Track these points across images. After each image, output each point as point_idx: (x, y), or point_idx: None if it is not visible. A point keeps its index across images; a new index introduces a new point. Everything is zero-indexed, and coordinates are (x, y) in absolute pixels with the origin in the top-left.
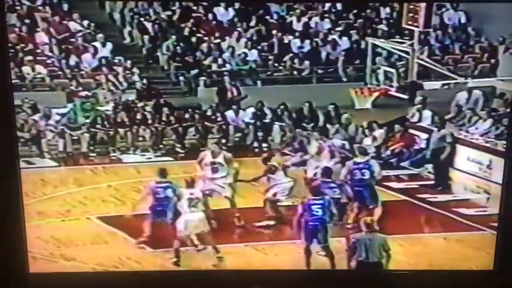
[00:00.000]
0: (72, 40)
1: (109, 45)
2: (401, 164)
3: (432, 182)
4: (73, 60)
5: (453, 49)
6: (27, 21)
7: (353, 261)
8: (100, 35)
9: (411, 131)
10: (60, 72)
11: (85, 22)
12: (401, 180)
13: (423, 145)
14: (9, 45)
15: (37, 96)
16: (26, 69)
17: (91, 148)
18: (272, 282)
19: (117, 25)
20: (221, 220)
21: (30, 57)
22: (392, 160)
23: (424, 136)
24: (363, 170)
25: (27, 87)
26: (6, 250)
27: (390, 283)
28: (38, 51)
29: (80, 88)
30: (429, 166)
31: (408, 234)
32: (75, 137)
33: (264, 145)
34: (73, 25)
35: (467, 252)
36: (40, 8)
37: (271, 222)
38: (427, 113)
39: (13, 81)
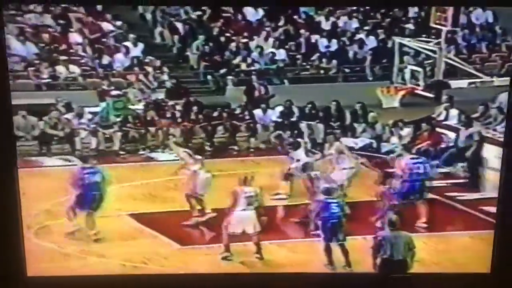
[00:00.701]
0: (105, 40)
1: (141, 45)
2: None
3: (461, 180)
4: (105, 59)
5: (480, 48)
6: (61, 21)
7: (378, 258)
8: (132, 35)
9: (438, 129)
10: (92, 72)
11: (118, 23)
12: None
13: (450, 144)
14: (44, 45)
15: (70, 95)
16: (59, 68)
17: (123, 146)
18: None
19: (148, 26)
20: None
21: (64, 57)
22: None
23: (451, 134)
24: (419, 165)
25: (61, 86)
26: (4, 253)
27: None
28: (72, 51)
29: (112, 87)
30: (461, 165)
31: (434, 232)
32: (107, 136)
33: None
34: (106, 26)
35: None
36: (75, 8)
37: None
38: (453, 112)
39: (47, 80)
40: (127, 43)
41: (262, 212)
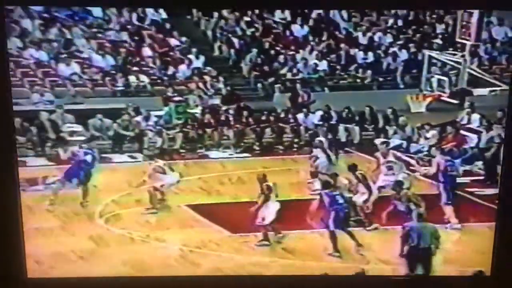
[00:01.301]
0: (171, 53)
1: (202, 58)
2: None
3: (482, 177)
4: (170, 70)
5: (500, 60)
6: (135, 37)
7: (406, 246)
8: (194, 49)
9: (462, 132)
10: (159, 80)
11: (183, 38)
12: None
13: (472, 145)
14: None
15: (139, 100)
16: (131, 78)
17: (183, 145)
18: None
19: (208, 41)
20: None
21: (136, 68)
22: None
23: (473, 136)
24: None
25: (132, 93)
26: (4, 254)
27: None
28: (143, 63)
29: (175, 94)
30: (479, 163)
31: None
32: (170, 136)
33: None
34: (173, 41)
35: None
36: (147, 27)
37: None
38: (475, 116)
39: (120, 88)
40: (190, 56)
41: None
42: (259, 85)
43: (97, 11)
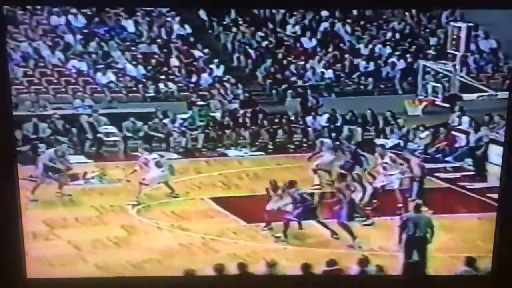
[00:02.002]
0: (195, 63)
1: (222, 67)
2: (446, 158)
3: (472, 173)
4: (194, 78)
5: (486, 68)
6: (164, 50)
7: (404, 235)
8: (215, 60)
9: (453, 132)
10: (184, 87)
11: (205, 50)
12: (446, 171)
13: (462, 144)
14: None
15: (167, 105)
16: (160, 85)
17: (205, 144)
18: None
19: (228, 52)
20: None
21: (164, 76)
22: (437, 156)
23: (463, 136)
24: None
25: (161, 98)
26: (4, 255)
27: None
28: (170, 71)
29: (198, 99)
30: (469, 161)
31: (449, 214)
32: (193, 136)
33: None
34: (197, 53)
35: None
36: (174, 40)
37: None
38: (465, 119)
39: (150, 94)
40: (212, 66)
41: None
42: (273, 91)
43: (130, 27)
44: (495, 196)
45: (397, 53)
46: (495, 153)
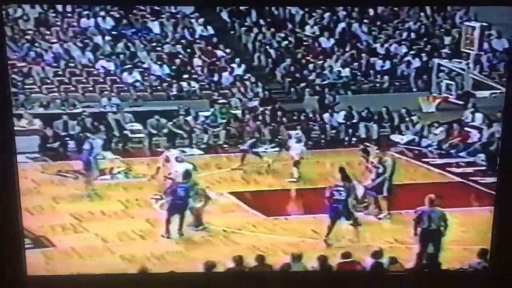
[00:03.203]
0: (218, 63)
1: (243, 66)
2: (459, 154)
3: (484, 168)
4: (216, 77)
5: (499, 67)
6: (188, 50)
7: (418, 228)
8: (237, 59)
9: (466, 128)
10: (207, 86)
11: (228, 50)
12: (459, 166)
13: (476, 139)
14: (174, 67)
15: (189, 103)
16: (184, 84)
17: (226, 140)
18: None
19: (249, 52)
20: None
21: (187, 76)
22: (451, 151)
23: (476, 132)
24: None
25: (184, 97)
26: (4, 252)
27: (390, 284)
28: (193, 71)
29: (220, 97)
30: (482, 156)
31: (461, 207)
32: (215, 133)
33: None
34: (219, 53)
35: None
36: (198, 41)
37: None
38: (478, 115)
39: (174, 92)
40: (233, 65)
41: None
42: (291, 89)
43: (156, 28)
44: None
45: (412, 52)
46: None
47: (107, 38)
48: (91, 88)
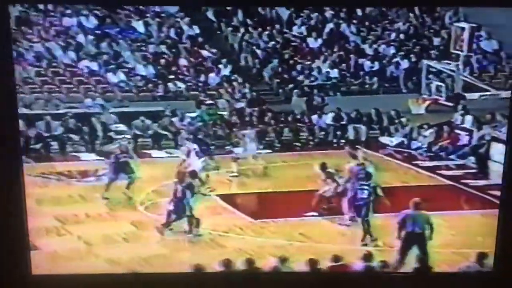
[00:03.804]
0: (204, 63)
1: (229, 67)
2: (449, 156)
3: (474, 170)
4: (203, 77)
5: (489, 68)
6: (173, 50)
7: (402, 232)
8: (224, 60)
9: (456, 131)
10: (193, 86)
11: (213, 50)
12: (449, 169)
13: (465, 142)
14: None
15: (176, 104)
16: (169, 84)
17: (213, 142)
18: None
19: (236, 52)
20: None
21: (172, 76)
22: (441, 153)
23: (466, 134)
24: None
25: (170, 98)
26: (9, 251)
27: (391, 285)
28: (179, 71)
29: (207, 98)
30: (472, 159)
31: (451, 211)
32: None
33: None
34: (205, 53)
35: None
36: (183, 40)
37: None
38: (468, 117)
39: (159, 93)
40: (220, 66)
41: None
42: (280, 90)
43: (140, 27)
44: (497, 193)
45: (401, 53)
46: (497, 151)
47: (91, 37)
48: (74, 89)
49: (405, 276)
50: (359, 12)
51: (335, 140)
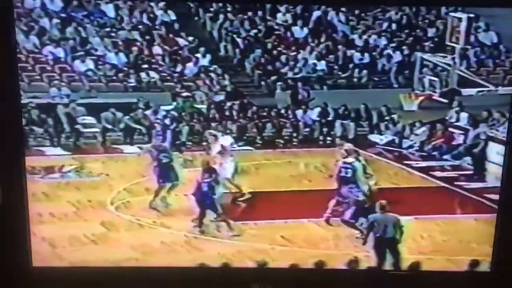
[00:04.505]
0: (180, 52)
1: (208, 56)
2: (443, 156)
3: (470, 172)
4: (179, 68)
5: (487, 62)
6: (147, 37)
7: (370, 237)
8: (201, 49)
9: (451, 129)
10: (168, 77)
11: (190, 38)
12: (443, 169)
13: (460, 141)
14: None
15: (149, 95)
16: (142, 74)
17: (189, 138)
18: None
19: (215, 41)
20: None
21: (146, 65)
22: (434, 153)
23: (461, 133)
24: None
25: (143, 89)
26: (9, 243)
27: (388, 284)
28: (153, 60)
29: (183, 90)
30: (467, 159)
31: (443, 215)
32: (178, 129)
33: (328, 138)
34: (181, 41)
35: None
36: (157, 27)
37: None
38: (463, 115)
39: (132, 83)
40: (198, 55)
41: None
42: (262, 83)
43: (110, 11)
44: (494, 196)
45: (393, 44)
46: (494, 152)
47: (55, 21)
48: (37, 77)
49: (399, 275)
50: None
51: (321, 137)
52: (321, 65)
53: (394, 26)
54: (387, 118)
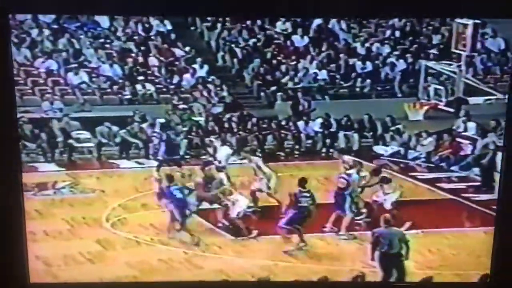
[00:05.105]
0: (176, 63)
1: (206, 67)
2: (451, 168)
3: (478, 183)
4: (176, 79)
5: (494, 70)
6: (142, 48)
7: (376, 252)
8: (198, 59)
9: (458, 139)
10: (165, 89)
11: (187, 48)
12: (451, 181)
13: (468, 152)
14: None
15: (146, 108)
16: (138, 86)
17: (187, 151)
18: None
19: (212, 51)
20: None
21: (141, 77)
22: (442, 164)
23: (469, 144)
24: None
25: (139, 101)
26: (7, 259)
27: None
28: (149, 72)
29: (180, 102)
30: (476, 170)
31: (452, 228)
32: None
33: (330, 150)
34: (178, 51)
35: None
36: (153, 37)
37: None
38: (471, 124)
39: (127, 96)
40: (195, 66)
41: None
42: (262, 94)
43: (104, 22)
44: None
45: (396, 52)
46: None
47: (47, 32)
48: (29, 91)
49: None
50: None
51: (323, 150)
52: (323, 74)
53: (397, 33)
54: (392, 128)
